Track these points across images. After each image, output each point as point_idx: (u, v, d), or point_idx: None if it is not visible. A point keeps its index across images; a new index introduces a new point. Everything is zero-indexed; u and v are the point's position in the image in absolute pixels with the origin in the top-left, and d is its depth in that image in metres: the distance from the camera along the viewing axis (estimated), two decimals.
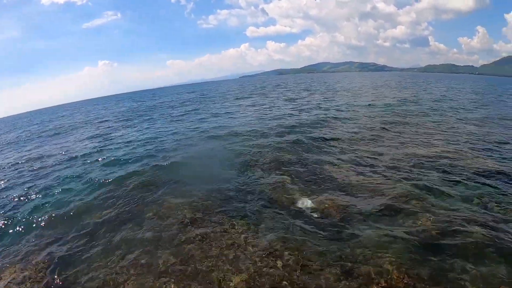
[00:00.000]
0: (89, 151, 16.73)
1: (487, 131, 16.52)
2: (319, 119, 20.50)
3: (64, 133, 26.59)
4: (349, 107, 26.45)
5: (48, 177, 12.72)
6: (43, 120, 50.63)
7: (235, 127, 19.45)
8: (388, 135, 15.47)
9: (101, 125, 28.57)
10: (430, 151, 12.48)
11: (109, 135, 21.72)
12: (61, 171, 13.30)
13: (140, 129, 23.04)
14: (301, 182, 9.78)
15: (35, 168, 14.53)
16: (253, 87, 74.67)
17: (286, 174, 10.52)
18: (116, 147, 17.13)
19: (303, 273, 5.65)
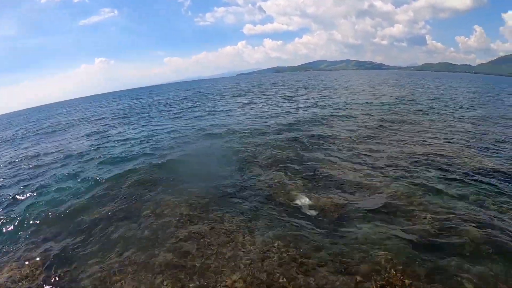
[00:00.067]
0: (86, 149, 16.65)
1: (484, 130, 16.61)
2: (317, 117, 20.49)
3: (60, 131, 26.46)
4: (347, 105, 26.46)
5: (44, 175, 12.65)
6: (40, 117, 50.41)
7: (232, 125, 19.40)
8: (385, 133, 15.51)
9: (98, 123, 28.46)
10: (427, 149, 12.51)
11: (106, 133, 21.61)
12: (57, 169, 13.23)
13: (137, 127, 22.96)
14: (299, 179, 9.78)
15: (32, 166, 14.45)
16: (250, 84, 74.55)
17: (284, 171, 10.51)
18: (113, 145, 17.07)
19: (301, 271, 5.66)
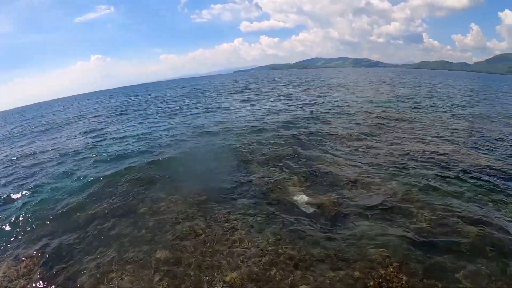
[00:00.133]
0: (82, 147, 16.59)
1: (481, 128, 16.69)
2: (315, 114, 20.50)
3: (57, 129, 26.35)
4: (345, 102, 26.50)
5: (40, 173, 12.60)
6: (36, 115, 50.16)
7: (229, 122, 19.40)
8: (383, 131, 15.54)
9: (94, 120, 28.37)
10: (425, 147, 12.55)
11: (102, 130, 21.55)
12: (54, 168, 13.17)
13: (133, 124, 22.90)
14: (296, 177, 9.79)
15: (28, 164, 14.38)
16: (247, 81, 74.45)
17: (281, 169, 10.53)
18: (109, 143, 17.01)
19: (298, 267, 5.69)
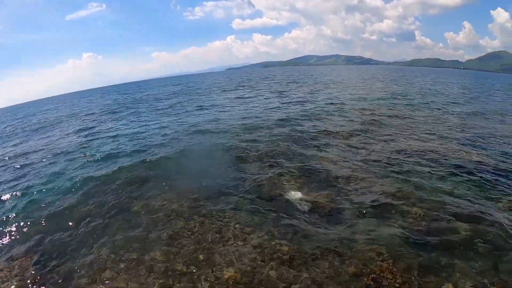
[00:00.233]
0: (75, 146, 16.47)
1: (474, 125, 16.90)
2: (309, 112, 20.56)
3: (49, 127, 26.08)
4: (338, 100, 26.57)
5: (33, 174, 12.47)
6: (27, 114, 49.55)
7: (222, 120, 19.39)
8: (376, 128, 15.65)
9: (87, 119, 28.12)
10: (418, 144, 12.69)
11: (95, 129, 21.38)
12: (46, 168, 13.04)
13: (126, 123, 22.80)
14: (290, 174, 9.84)
15: (20, 164, 14.20)
16: (240, 79, 74.26)
17: (275, 166, 10.57)
18: (102, 141, 16.91)
19: (293, 264, 5.74)
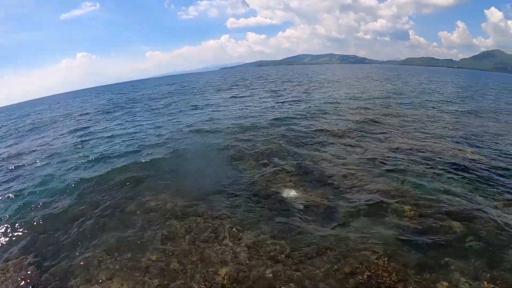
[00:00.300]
0: (70, 147, 16.34)
1: (468, 123, 17.05)
2: (303, 111, 20.57)
3: (43, 128, 25.85)
4: (333, 99, 26.66)
5: (27, 175, 12.34)
6: (21, 114, 49.08)
7: (217, 120, 19.35)
8: (372, 127, 15.70)
9: (81, 119, 27.91)
10: (413, 142, 12.76)
11: (90, 129, 21.25)
12: (41, 169, 12.92)
13: (121, 123, 22.69)
14: (285, 173, 9.85)
15: (14, 166, 14.03)
16: (234, 78, 74.16)
17: (270, 166, 10.59)
18: (97, 142, 16.77)
19: (288, 263, 5.76)
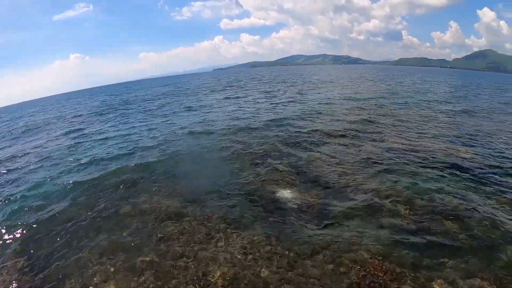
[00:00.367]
0: (64, 149, 16.18)
1: (462, 122, 17.17)
2: (298, 112, 20.63)
3: (36, 130, 25.57)
4: (328, 99, 26.74)
5: (21, 179, 12.16)
6: (14, 116, 48.55)
7: (212, 122, 19.30)
8: (366, 128, 15.76)
9: (75, 121, 27.72)
10: (408, 143, 12.82)
11: (83, 132, 21.03)
12: (35, 172, 12.74)
13: (114, 124, 22.58)
14: (280, 174, 9.86)
15: (7, 169, 13.83)
16: (228, 79, 74.25)
17: (265, 167, 10.58)
18: (90, 145, 16.63)
19: (284, 264, 5.75)
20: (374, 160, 10.79)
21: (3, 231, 8.13)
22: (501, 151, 11.92)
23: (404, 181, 8.95)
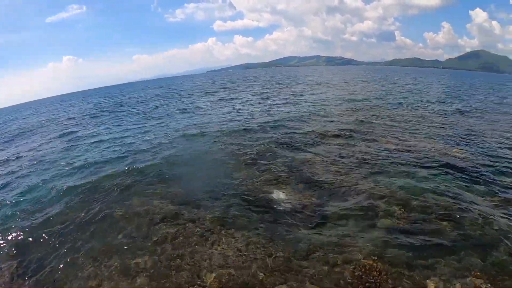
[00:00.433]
0: (57, 153, 16.04)
1: (456, 122, 17.27)
2: (292, 113, 20.64)
3: (29, 133, 25.38)
4: (322, 101, 26.81)
5: (14, 183, 12.03)
6: (6, 119, 48.23)
7: (205, 124, 19.23)
8: (361, 129, 15.79)
9: (68, 123, 27.51)
10: (402, 143, 12.88)
11: (76, 135, 20.87)
12: (28, 177, 12.59)
13: (108, 127, 22.46)
14: (275, 176, 9.85)
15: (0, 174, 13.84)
16: (221, 81, 74.31)
17: (259, 169, 10.57)
18: (84, 148, 16.49)
19: (278, 265, 5.75)
20: (368, 160, 10.82)
21: None
22: (494, 150, 12.03)
23: (398, 181, 8.98)
